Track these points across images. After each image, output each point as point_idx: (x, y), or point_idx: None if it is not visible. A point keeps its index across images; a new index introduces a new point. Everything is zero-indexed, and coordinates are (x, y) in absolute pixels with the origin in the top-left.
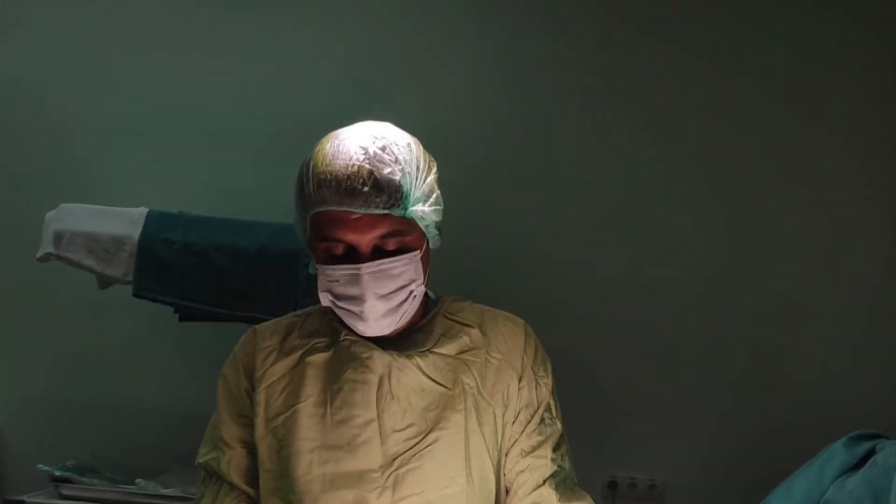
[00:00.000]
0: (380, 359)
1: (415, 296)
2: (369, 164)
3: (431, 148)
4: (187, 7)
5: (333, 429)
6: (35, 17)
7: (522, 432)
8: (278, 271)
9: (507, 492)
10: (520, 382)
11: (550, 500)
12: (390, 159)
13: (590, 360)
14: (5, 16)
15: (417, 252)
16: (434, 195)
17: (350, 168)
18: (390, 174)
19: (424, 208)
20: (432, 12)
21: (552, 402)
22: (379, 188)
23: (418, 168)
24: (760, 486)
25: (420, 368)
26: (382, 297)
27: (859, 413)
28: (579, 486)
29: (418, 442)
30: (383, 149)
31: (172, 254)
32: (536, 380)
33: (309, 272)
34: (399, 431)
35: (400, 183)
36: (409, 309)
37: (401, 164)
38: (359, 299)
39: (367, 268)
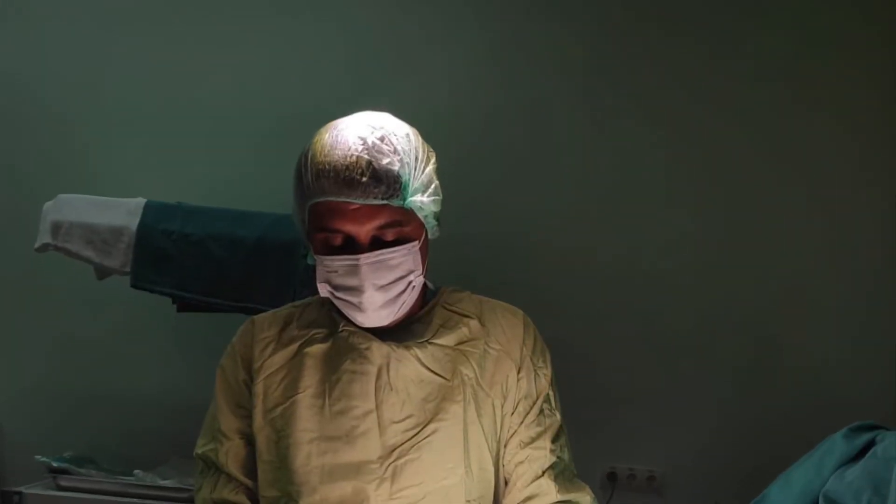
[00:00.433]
0: (378, 350)
1: (413, 286)
2: (368, 155)
3: (430, 138)
4: None
5: (332, 420)
6: (34, 9)
7: (521, 423)
8: (277, 262)
9: (506, 483)
10: (519, 373)
11: (549, 492)
12: (389, 150)
13: (589, 350)
14: (4, 8)
15: (416, 242)
16: (433, 185)
17: (348, 158)
18: (389, 164)
19: (423, 199)
20: (430, 3)
21: (551, 393)
22: (377, 178)
23: (417, 158)
24: (759, 477)
25: (419, 359)
26: (381, 288)
27: (859, 404)
28: (578, 477)
29: (417, 433)
30: (382, 139)
31: (170, 244)
32: (535, 370)
33: (307, 263)
34: (398, 422)
35: (398, 173)
36: (408, 299)
37: (399, 154)
38: (357, 290)
39: (365, 258)
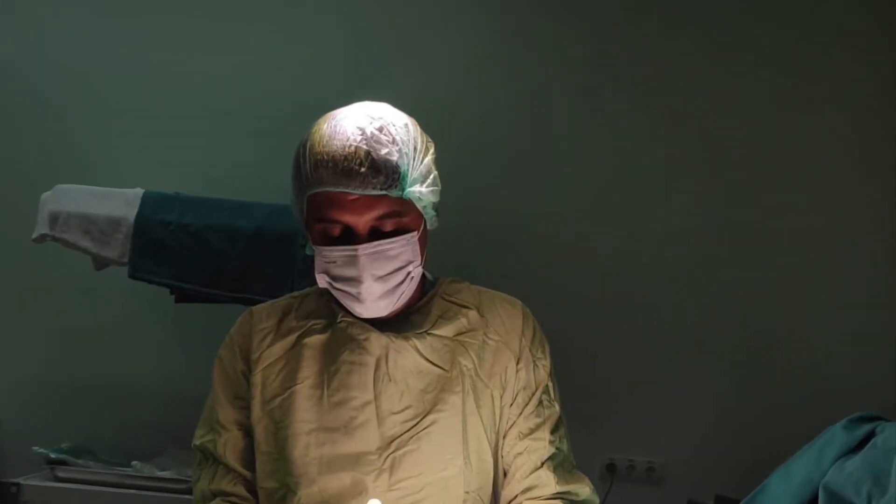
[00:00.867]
0: (377, 340)
1: (412, 277)
2: (366, 145)
3: (429, 129)
4: None
5: (330, 411)
6: (33, 0)
7: (520, 414)
8: (275, 252)
9: (505, 474)
10: (518, 364)
11: (548, 483)
12: (387, 140)
13: (588, 341)
14: None
15: (415, 233)
16: (431, 176)
17: (347, 149)
18: (387, 155)
19: (422, 189)
20: None
21: (550, 384)
22: (376, 169)
23: (416, 149)
24: (759, 468)
25: (417, 350)
26: (380, 279)
27: (859, 395)
28: (577, 468)
29: (416, 424)
30: (380, 129)
31: (168, 235)
32: (534, 361)
33: (306, 253)
34: (396, 413)
35: (397, 164)
36: (407, 290)
37: (398, 144)
38: (356, 281)
39: (364, 249)
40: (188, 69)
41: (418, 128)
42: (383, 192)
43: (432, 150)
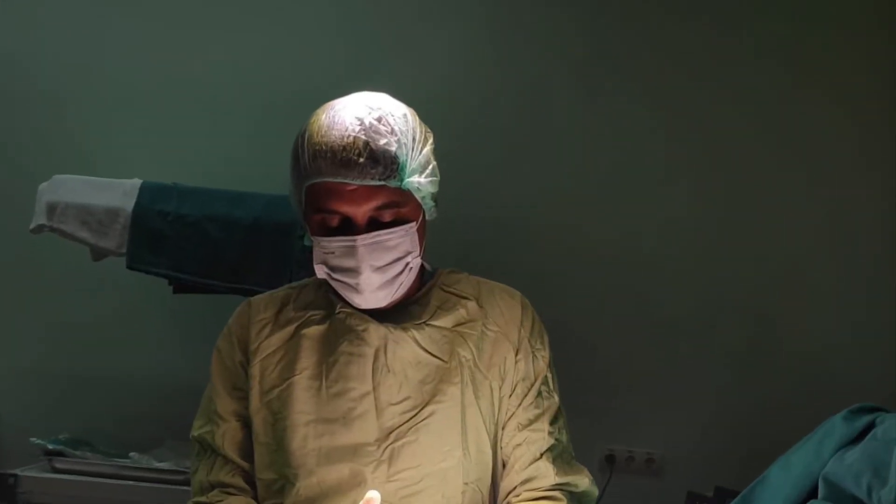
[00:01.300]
0: (375, 331)
1: (411, 268)
2: (365, 135)
3: (428, 119)
4: None
5: (329, 402)
6: None
7: (519, 405)
8: (273, 243)
9: (504, 465)
10: (517, 355)
11: (547, 474)
12: (386, 130)
13: (588, 333)
14: None
15: (413, 224)
16: (430, 166)
17: (345, 139)
18: (386, 145)
19: (420, 179)
20: None
21: (549, 375)
22: (374, 159)
23: (414, 139)
24: (759, 459)
25: (416, 341)
26: (378, 270)
27: (858, 386)
28: (576, 459)
29: (414, 415)
30: (379, 119)
31: (166, 225)
32: (533, 352)
33: (304, 244)
34: (395, 405)
35: (396, 154)
36: (405, 281)
37: (397, 134)
38: (354, 271)
39: (362, 240)
40: (187, 60)
41: (417, 118)
42: (382, 183)
43: (431, 141)
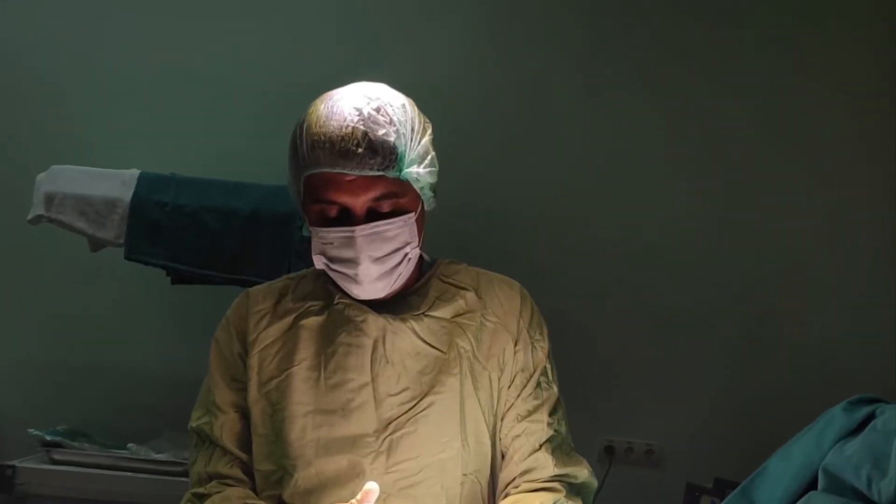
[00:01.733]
0: (374, 322)
1: (409, 258)
2: (363, 126)
3: (426, 110)
4: None
5: (327, 393)
6: None
7: (518, 396)
8: (271, 234)
9: (503, 456)
10: (515, 346)
11: (546, 465)
12: (385, 120)
13: (586, 323)
14: None
15: (412, 214)
16: (429, 157)
17: (344, 129)
18: (385, 135)
19: (419, 170)
20: None
21: (548, 366)
22: (373, 150)
23: (413, 129)
24: (758, 451)
25: (415, 332)
26: (377, 260)
27: (858, 377)
28: (576, 450)
29: (413, 406)
30: (378, 110)
31: (164, 216)
32: (532, 343)
33: (303, 235)
34: (394, 395)
35: (394, 144)
36: (404, 272)
37: (395, 125)
38: (353, 262)
39: (361, 230)
40: (185, 51)
41: (416, 108)
42: (380, 173)
43: (430, 131)
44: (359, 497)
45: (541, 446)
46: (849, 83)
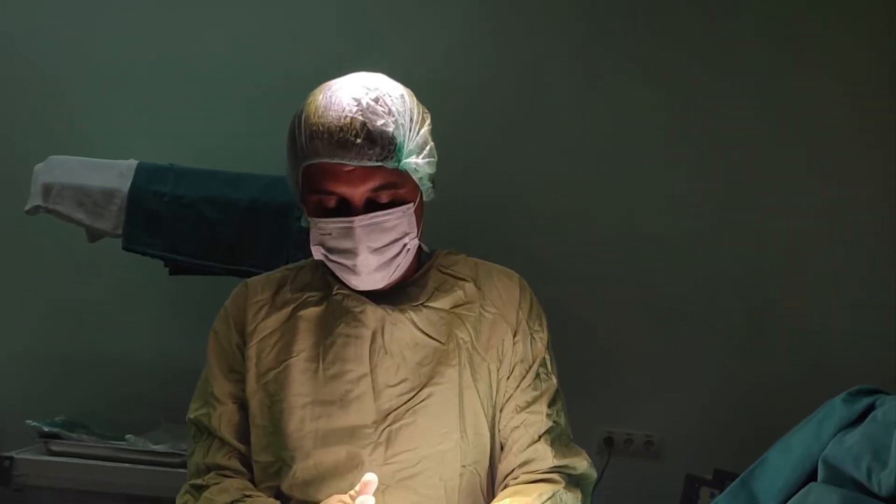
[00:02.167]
0: (373, 313)
1: (408, 249)
2: (362, 116)
3: (425, 100)
4: None
5: (326, 384)
6: None
7: (517, 387)
8: (270, 224)
9: (502, 448)
10: (514, 337)
11: (545, 457)
12: (383, 111)
13: (586, 313)
14: None
15: (411, 205)
16: (428, 147)
17: (343, 120)
18: (383, 126)
19: (418, 160)
20: None
21: (547, 357)
22: (372, 140)
23: (412, 120)
24: (758, 441)
25: (413, 323)
26: (375, 251)
27: (858, 368)
28: (575, 441)
29: (412, 397)
30: (376, 100)
31: (163, 206)
32: (531, 334)
33: (301, 225)
34: (392, 387)
35: (393, 135)
36: (403, 262)
37: (394, 115)
38: (351, 253)
39: (359, 221)
40: (183, 40)
41: (414, 99)
42: (379, 164)
43: (428, 122)
44: (357, 488)
45: (540, 437)
46: (849, 72)
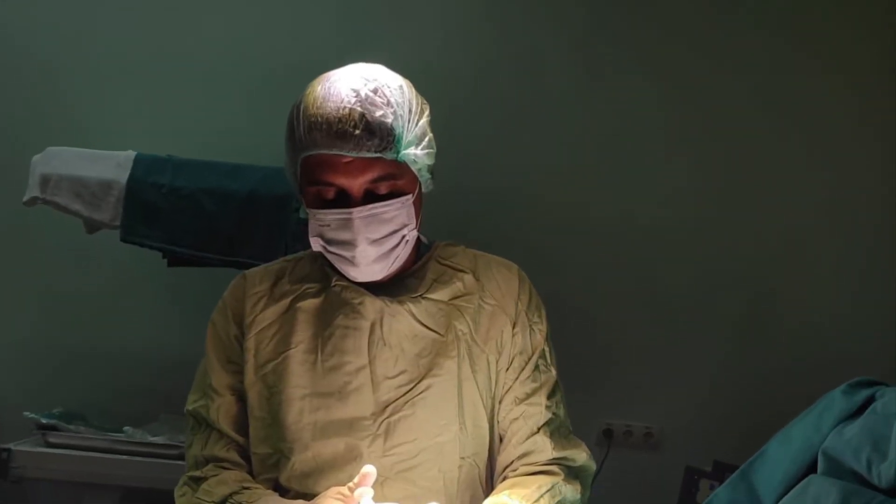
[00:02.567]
0: (371, 304)
1: (407, 240)
2: (361, 107)
3: (424, 90)
4: None
5: (324, 376)
6: None
7: (516, 379)
8: (268, 216)
9: (501, 440)
10: (514, 328)
11: (545, 448)
12: (382, 102)
13: (585, 305)
14: None
15: (410, 196)
16: (426, 138)
17: (341, 111)
18: (382, 117)
19: (417, 151)
20: None
21: (546, 349)
22: (370, 131)
23: (410, 111)
24: (758, 433)
25: (412, 314)
26: (374, 242)
27: (858, 359)
28: (574, 433)
29: (410, 389)
30: (375, 91)
31: (161, 198)
32: (530, 326)
33: (299, 217)
34: (391, 378)
35: (392, 126)
36: (402, 254)
37: (393, 106)
38: (350, 244)
39: (358, 212)
40: (181, 30)
41: (413, 89)
42: (378, 155)
43: (427, 113)
44: (356, 480)
45: (539, 429)
46: (849, 63)
